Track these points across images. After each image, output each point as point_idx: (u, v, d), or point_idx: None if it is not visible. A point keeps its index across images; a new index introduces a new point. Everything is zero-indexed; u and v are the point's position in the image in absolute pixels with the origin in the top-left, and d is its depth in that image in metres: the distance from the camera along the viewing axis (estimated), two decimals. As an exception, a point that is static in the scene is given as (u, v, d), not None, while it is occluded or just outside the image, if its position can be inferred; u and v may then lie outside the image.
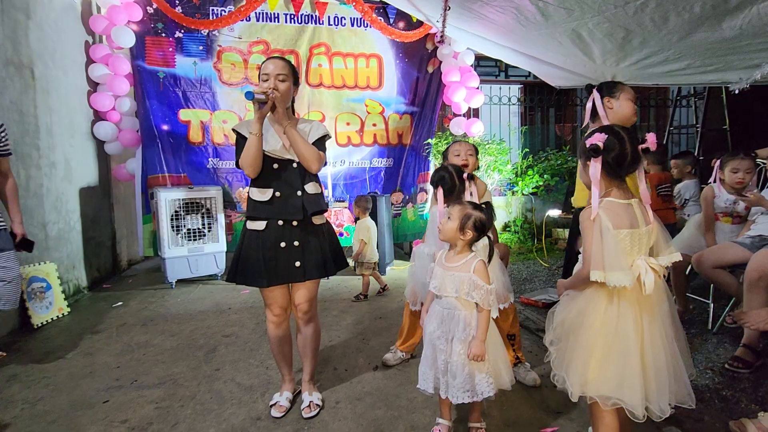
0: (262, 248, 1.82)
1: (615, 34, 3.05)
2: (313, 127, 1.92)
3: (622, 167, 1.34)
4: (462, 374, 1.57)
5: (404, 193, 5.19)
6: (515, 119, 6.03)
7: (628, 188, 1.38)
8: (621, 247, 1.28)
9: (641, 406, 1.29)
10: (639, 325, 1.31)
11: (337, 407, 2.00)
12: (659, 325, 1.34)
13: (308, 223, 1.87)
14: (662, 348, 1.32)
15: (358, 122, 4.98)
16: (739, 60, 2.99)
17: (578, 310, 1.40)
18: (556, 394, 2.05)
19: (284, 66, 1.80)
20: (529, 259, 4.76)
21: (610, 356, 1.32)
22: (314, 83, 4.81)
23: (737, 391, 2.00)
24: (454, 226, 1.63)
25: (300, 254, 1.84)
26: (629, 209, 1.34)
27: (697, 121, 5.28)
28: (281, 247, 1.82)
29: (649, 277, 1.27)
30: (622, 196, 1.35)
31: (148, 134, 4.38)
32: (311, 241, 1.86)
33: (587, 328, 1.36)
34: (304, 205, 1.82)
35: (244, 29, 4.56)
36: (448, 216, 1.65)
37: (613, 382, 1.31)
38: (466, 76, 4.93)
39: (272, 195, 1.81)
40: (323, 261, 1.89)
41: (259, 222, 1.84)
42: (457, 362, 1.58)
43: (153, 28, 4.33)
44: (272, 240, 1.82)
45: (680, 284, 2.77)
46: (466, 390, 1.58)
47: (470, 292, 1.57)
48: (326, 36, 4.77)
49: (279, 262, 1.82)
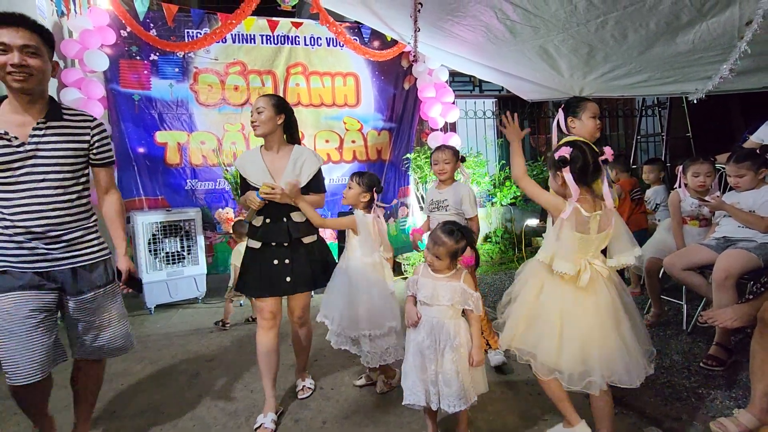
0: (259, 264, 2.06)
1: (580, 49, 3.21)
2: (306, 161, 2.09)
3: (587, 175, 1.55)
4: (457, 382, 1.59)
5: (385, 208, 5.23)
6: (491, 132, 6.18)
7: (593, 199, 1.56)
8: (572, 245, 1.52)
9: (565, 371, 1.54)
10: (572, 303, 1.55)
11: (324, 427, 1.97)
12: (608, 311, 1.53)
13: (298, 244, 2.08)
14: (610, 330, 1.52)
15: (337, 139, 5.03)
16: (694, 72, 3.18)
17: (522, 281, 1.71)
18: (540, 401, 2.08)
19: (262, 99, 2.08)
20: (511, 269, 4.83)
21: (534, 320, 1.61)
22: (292, 102, 4.84)
23: (712, 389, 2.07)
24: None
25: (290, 271, 2.05)
26: (586, 221, 1.53)
27: (662, 129, 5.53)
28: (274, 264, 2.04)
29: (586, 274, 1.51)
30: (588, 209, 1.53)
31: (124, 157, 4.31)
32: (301, 259, 2.07)
33: (524, 296, 1.67)
34: (290, 231, 2.03)
35: (220, 51, 4.58)
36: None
37: (531, 340, 1.61)
38: (441, 91, 5.05)
39: (263, 221, 2.05)
40: (312, 276, 2.10)
41: (255, 242, 2.08)
42: (451, 370, 1.60)
43: (127, 51, 4.31)
44: (267, 258, 2.05)
45: (654, 287, 2.87)
46: (461, 398, 1.60)
47: (465, 300, 1.64)
48: (303, 56, 4.84)
49: (273, 277, 2.04)
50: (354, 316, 2.02)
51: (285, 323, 2.23)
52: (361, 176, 2.11)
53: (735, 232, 2.45)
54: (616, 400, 2.03)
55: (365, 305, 2.01)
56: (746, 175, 2.38)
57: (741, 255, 2.27)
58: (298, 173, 2.04)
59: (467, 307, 1.65)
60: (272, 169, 2.03)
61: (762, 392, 1.64)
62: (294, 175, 2.03)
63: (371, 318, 2.01)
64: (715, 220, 2.64)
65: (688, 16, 2.39)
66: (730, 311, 1.81)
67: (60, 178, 1.58)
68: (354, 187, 2.09)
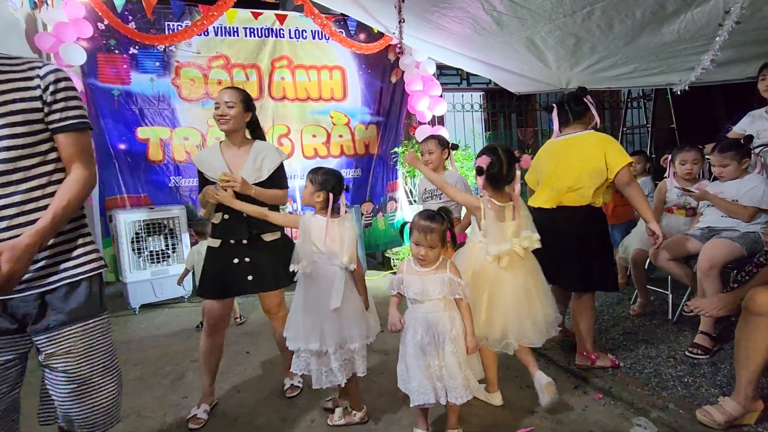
0: (218, 263, 1.99)
1: (566, 41, 3.20)
2: (267, 156, 2.03)
3: (500, 181, 1.84)
4: (460, 373, 1.61)
5: (374, 203, 5.20)
6: (479, 125, 6.17)
7: (505, 194, 1.86)
8: (498, 232, 1.80)
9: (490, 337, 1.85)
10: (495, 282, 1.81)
11: (312, 426, 1.95)
12: (523, 287, 1.84)
13: (259, 241, 2.01)
14: (523, 303, 1.82)
15: (324, 134, 4.96)
16: (678, 63, 3.19)
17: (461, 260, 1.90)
18: (528, 394, 2.08)
19: (233, 93, 2.00)
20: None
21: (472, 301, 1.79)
22: (278, 96, 4.77)
23: (698, 377, 2.09)
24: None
25: (251, 269, 1.99)
26: (503, 210, 1.84)
27: (647, 121, 5.57)
28: (234, 263, 1.98)
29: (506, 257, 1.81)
30: (500, 201, 1.85)
31: (104, 154, 4.19)
32: (263, 257, 2.00)
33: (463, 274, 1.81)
34: (249, 226, 1.96)
35: (202, 44, 4.47)
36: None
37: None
38: (429, 84, 5.01)
39: (221, 217, 1.98)
40: (275, 274, 2.02)
41: (215, 240, 2.02)
42: (453, 362, 1.60)
43: (105, 44, 4.17)
44: (226, 256, 1.98)
45: (640, 278, 2.89)
46: (466, 387, 1.62)
47: (454, 290, 1.63)
48: (288, 49, 4.75)
49: (231, 277, 1.98)
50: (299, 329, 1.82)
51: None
52: (315, 173, 1.85)
53: (719, 222, 2.48)
54: (604, 391, 2.05)
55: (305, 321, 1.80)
56: (730, 164, 2.40)
57: (725, 244, 2.30)
58: (258, 167, 1.99)
59: (457, 296, 1.64)
60: (232, 165, 1.98)
61: (746, 380, 1.66)
62: (255, 169, 1.97)
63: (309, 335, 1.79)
64: (700, 210, 2.67)
65: (674, 5, 2.39)
66: (715, 300, 1.82)
67: (11, 158, 1.10)
68: (307, 185, 1.86)
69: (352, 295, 1.83)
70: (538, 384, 1.87)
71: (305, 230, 1.80)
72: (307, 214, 1.87)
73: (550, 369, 2.33)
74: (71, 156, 1.20)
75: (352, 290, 1.84)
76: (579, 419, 1.88)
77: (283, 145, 4.84)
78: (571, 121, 2.22)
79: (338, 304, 1.74)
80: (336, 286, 1.76)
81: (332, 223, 1.79)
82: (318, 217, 1.83)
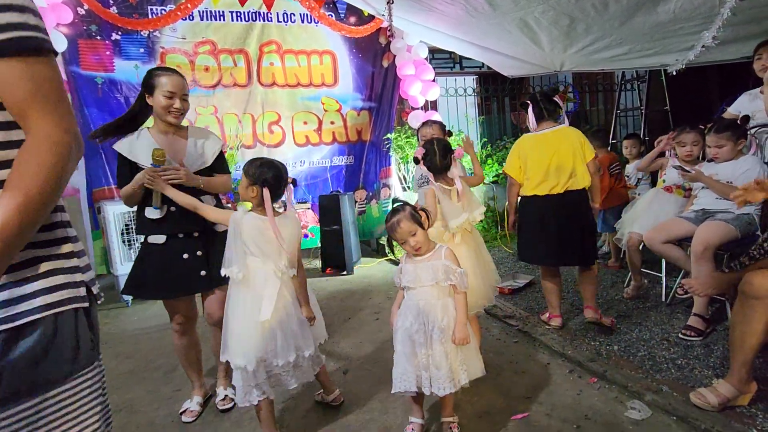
0: (163, 261, 1.83)
1: (560, 21, 3.13)
2: (207, 140, 1.94)
3: (437, 168, 2.00)
4: (446, 364, 1.57)
5: (367, 190, 5.15)
6: (472, 110, 6.10)
7: (449, 180, 2.03)
8: (452, 209, 1.98)
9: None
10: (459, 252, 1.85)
11: (307, 416, 1.94)
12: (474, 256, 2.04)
13: (211, 232, 1.90)
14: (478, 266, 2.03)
15: (316, 121, 4.88)
16: (674, 43, 3.14)
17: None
18: (523, 379, 2.08)
19: (185, 84, 1.86)
20: (494, 247, 4.83)
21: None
22: (267, 83, 4.66)
23: (691, 359, 2.10)
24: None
25: (204, 263, 1.87)
26: (449, 192, 2.01)
27: (641, 103, 5.54)
28: (184, 258, 1.84)
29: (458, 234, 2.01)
30: (446, 184, 2.02)
31: (89, 145, 4.07)
32: (217, 250, 1.77)
33: None
34: (201, 217, 1.76)
35: (187, 29, 4.34)
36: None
37: None
38: (421, 69, 4.92)
39: (167, 210, 1.81)
40: None
41: (159, 236, 1.84)
42: (440, 352, 1.57)
43: (86, 30, 4.03)
44: (174, 252, 1.84)
45: (635, 261, 2.89)
46: (450, 380, 1.57)
47: (448, 276, 1.59)
48: (276, 33, 4.63)
49: (183, 274, 1.84)
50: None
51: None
52: (250, 164, 1.65)
53: (713, 204, 2.46)
54: (598, 375, 2.05)
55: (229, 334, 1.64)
56: (726, 145, 2.37)
57: (719, 226, 2.29)
58: (201, 153, 1.88)
59: (450, 282, 1.60)
60: (170, 152, 1.82)
61: (741, 362, 1.66)
62: (197, 156, 1.86)
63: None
64: (694, 192, 2.65)
65: (670, -17, 2.33)
66: (708, 279, 1.81)
67: None
68: (242, 178, 1.65)
69: (294, 303, 1.68)
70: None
71: (236, 229, 1.61)
72: (240, 210, 1.65)
73: (545, 354, 2.33)
74: (20, 103, 0.69)
75: (295, 298, 1.69)
76: (573, 404, 1.88)
77: (274, 133, 4.76)
78: (546, 117, 2.47)
79: (268, 316, 1.57)
80: (268, 294, 1.59)
81: (269, 221, 1.59)
82: (252, 215, 1.63)
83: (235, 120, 4.59)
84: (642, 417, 1.74)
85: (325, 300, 3.54)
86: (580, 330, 2.53)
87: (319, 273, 4.30)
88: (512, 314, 2.86)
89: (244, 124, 4.62)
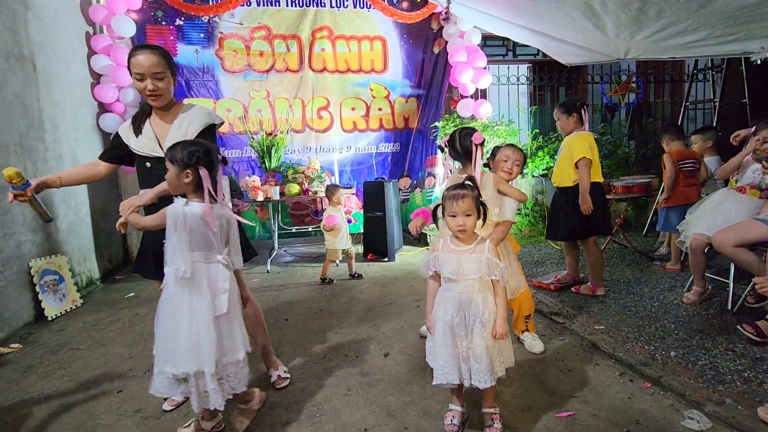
0: (156, 244, 1.72)
1: (630, 5, 2.92)
2: (192, 120, 1.80)
3: (460, 156, 2.11)
4: (487, 357, 1.56)
5: (412, 178, 5.13)
6: (524, 99, 5.87)
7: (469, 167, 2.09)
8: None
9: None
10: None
11: (348, 394, 1.99)
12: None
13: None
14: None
15: (364, 107, 4.90)
16: (762, 27, 2.85)
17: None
18: (569, 378, 2.02)
19: (159, 62, 1.72)
20: (540, 242, 4.68)
21: None
22: (318, 68, 4.73)
23: (760, 373, 1.94)
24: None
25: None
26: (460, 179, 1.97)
27: (714, 95, 5.09)
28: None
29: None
30: (463, 173, 2.09)
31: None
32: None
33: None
34: None
35: (244, 14, 4.47)
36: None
37: None
38: (474, 55, 4.79)
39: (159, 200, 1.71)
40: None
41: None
42: (481, 346, 1.56)
43: (153, 16, 4.26)
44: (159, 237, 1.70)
45: (698, 264, 2.69)
46: (491, 372, 1.57)
47: (492, 271, 1.57)
48: (328, 19, 4.67)
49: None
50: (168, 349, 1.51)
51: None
52: (172, 150, 1.49)
53: (796, 207, 2.24)
54: (652, 380, 1.94)
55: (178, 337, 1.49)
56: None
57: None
58: (183, 134, 1.76)
59: (493, 277, 1.58)
60: (159, 134, 1.78)
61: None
62: (179, 136, 1.74)
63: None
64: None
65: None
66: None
67: None
68: (169, 169, 1.50)
69: (235, 296, 1.58)
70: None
71: (178, 223, 1.46)
72: (178, 202, 1.50)
73: (594, 354, 2.24)
74: None
75: (235, 290, 1.59)
76: (623, 407, 1.80)
77: (322, 118, 4.83)
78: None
79: (225, 309, 1.50)
80: (221, 286, 1.51)
81: (211, 208, 1.48)
82: (195, 204, 1.50)
83: (285, 104, 4.70)
84: (701, 428, 1.63)
85: (366, 285, 3.59)
86: (633, 332, 2.41)
87: (360, 258, 4.36)
88: (558, 311, 2.76)
89: (294, 108, 4.73)
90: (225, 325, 1.53)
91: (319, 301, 3.26)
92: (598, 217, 2.85)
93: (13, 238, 2.84)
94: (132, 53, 1.74)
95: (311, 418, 1.81)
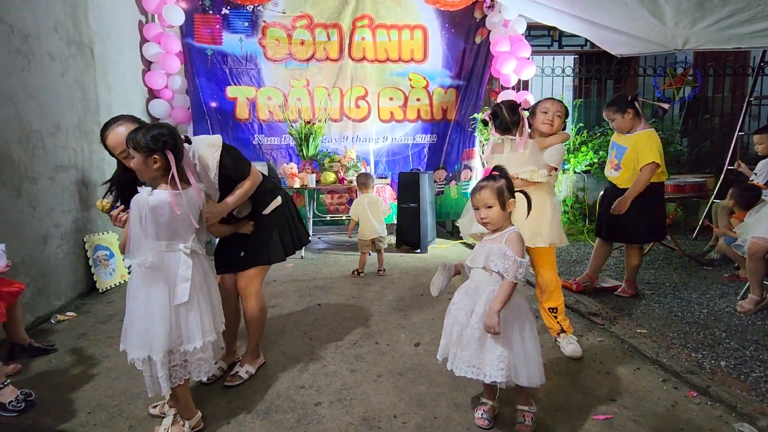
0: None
1: (693, -11, 2.72)
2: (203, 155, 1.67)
3: (504, 127, 2.17)
4: (472, 348, 1.54)
5: (447, 170, 5.06)
6: (568, 92, 5.63)
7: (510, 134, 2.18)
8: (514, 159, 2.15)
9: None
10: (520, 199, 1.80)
11: (378, 381, 2.00)
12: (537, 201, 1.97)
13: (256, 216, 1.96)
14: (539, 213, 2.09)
15: (402, 97, 4.86)
16: None
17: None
18: (607, 380, 1.94)
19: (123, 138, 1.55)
20: (580, 241, 4.51)
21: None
22: (357, 57, 4.73)
23: (823, 390, 1.79)
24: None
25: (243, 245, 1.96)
26: (501, 144, 2.23)
27: (782, 90, 4.69)
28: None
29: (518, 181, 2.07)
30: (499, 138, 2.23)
31: (198, 111, 4.51)
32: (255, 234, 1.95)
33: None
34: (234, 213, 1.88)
35: (287, 3, 4.53)
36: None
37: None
38: (517, 45, 4.64)
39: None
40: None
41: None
42: (471, 335, 1.55)
43: (201, 5, 4.40)
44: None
45: (756, 270, 2.51)
46: (471, 365, 1.55)
47: (495, 261, 1.51)
48: (370, 7, 4.65)
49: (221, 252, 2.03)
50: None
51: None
52: (134, 135, 1.44)
53: None
54: (699, 389, 1.83)
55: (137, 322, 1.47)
56: None
57: None
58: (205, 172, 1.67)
59: (495, 269, 1.52)
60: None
61: None
62: (203, 175, 1.66)
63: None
64: None
65: None
66: None
67: None
68: (134, 157, 1.45)
69: (199, 284, 1.53)
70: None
71: (142, 212, 1.41)
72: (142, 191, 1.43)
73: (635, 358, 2.14)
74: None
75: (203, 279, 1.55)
76: (666, 415, 1.71)
77: (360, 108, 4.84)
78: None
79: (185, 298, 1.46)
80: (182, 275, 1.46)
81: (178, 195, 1.43)
82: (160, 192, 1.44)
83: (324, 93, 4.74)
84: (752, 442, 1.53)
85: (398, 275, 3.59)
86: (679, 338, 2.28)
87: (393, 249, 4.37)
88: (597, 312, 2.65)
89: (332, 97, 4.76)
90: (184, 313, 1.49)
91: (351, 288, 3.29)
92: (662, 219, 2.82)
93: (71, 214, 3.04)
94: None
95: (342, 401, 1.83)
